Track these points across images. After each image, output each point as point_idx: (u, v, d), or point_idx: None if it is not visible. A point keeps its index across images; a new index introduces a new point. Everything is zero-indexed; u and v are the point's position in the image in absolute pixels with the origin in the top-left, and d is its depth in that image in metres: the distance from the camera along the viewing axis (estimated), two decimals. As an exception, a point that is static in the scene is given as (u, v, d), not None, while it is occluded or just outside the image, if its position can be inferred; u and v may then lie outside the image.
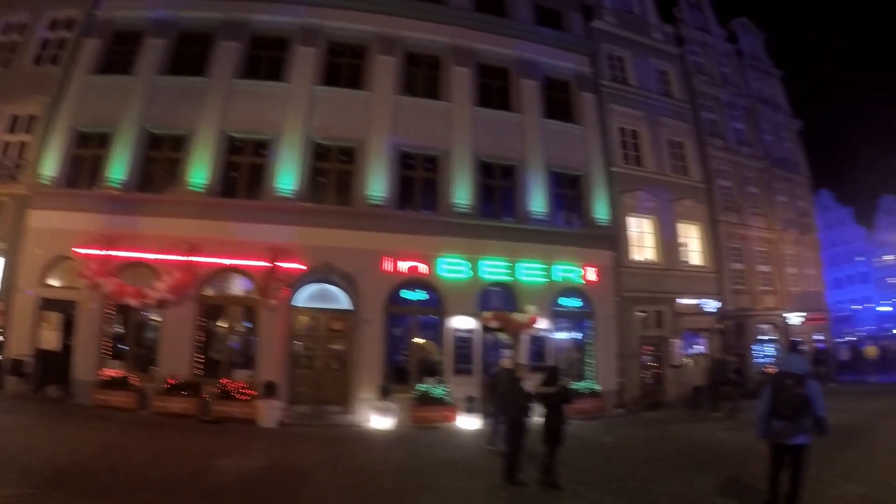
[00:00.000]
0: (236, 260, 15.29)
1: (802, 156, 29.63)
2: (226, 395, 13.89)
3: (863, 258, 71.68)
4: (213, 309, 15.63)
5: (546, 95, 19.86)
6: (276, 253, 15.10)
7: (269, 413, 13.62)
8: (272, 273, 15.09)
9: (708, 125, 24.34)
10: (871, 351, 30.84)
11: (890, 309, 65.29)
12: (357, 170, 16.75)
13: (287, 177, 16.08)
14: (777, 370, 6.67)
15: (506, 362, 12.11)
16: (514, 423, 8.47)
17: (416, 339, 16.70)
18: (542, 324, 17.36)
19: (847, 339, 40.09)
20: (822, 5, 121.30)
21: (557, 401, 8.30)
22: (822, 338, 26.87)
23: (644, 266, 20.26)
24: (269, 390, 14.01)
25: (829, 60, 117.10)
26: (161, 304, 14.97)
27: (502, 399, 9.61)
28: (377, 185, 16.58)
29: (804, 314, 25.71)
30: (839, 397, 16.05)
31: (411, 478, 8.55)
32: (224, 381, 14.28)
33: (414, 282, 16.52)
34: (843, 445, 9.95)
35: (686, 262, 21.69)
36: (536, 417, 8.58)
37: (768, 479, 6.16)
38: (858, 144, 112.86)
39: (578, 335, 18.74)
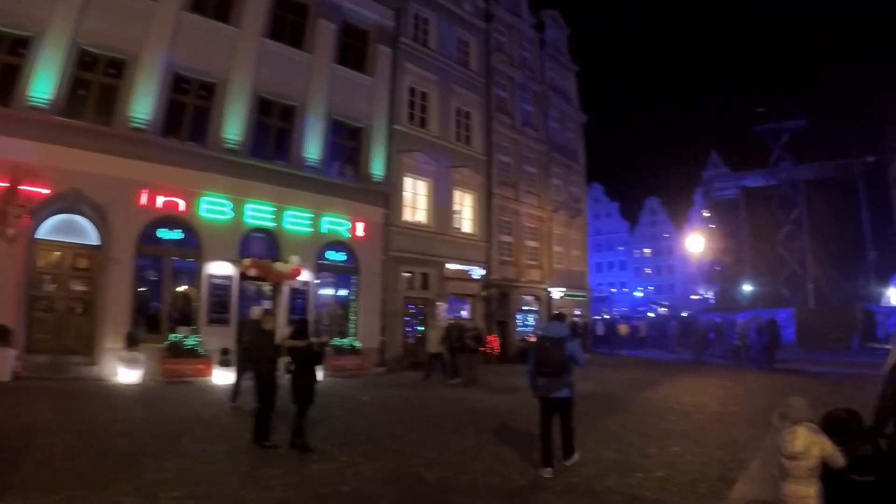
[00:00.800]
0: (-29, 178, 12.52)
1: (582, 147, 32.72)
2: (-49, 342, 11.62)
3: (623, 248, 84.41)
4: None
5: (341, 41, 19.20)
6: (18, 173, 12.61)
7: (1, 364, 11.61)
8: (12, 196, 12.60)
9: (498, 102, 25.67)
10: (623, 328, 35.17)
11: (642, 294, 78.79)
12: (124, 86, 14.59)
13: (43, 84, 13.35)
14: (539, 335, 7.39)
15: (254, 312, 11.49)
16: (261, 380, 7.89)
17: (181, 287, 15.43)
18: (305, 276, 17.00)
19: (603, 316, 45.41)
20: (634, 22, 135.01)
21: (307, 356, 7.73)
22: (580, 313, 30.02)
23: (415, 227, 20.81)
24: (2, 337, 11.87)
25: (625, 71, 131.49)
26: None
27: (247, 352, 8.96)
28: (143, 106, 14.62)
29: (566, 290, 28.47)
30: (595, 368, 17.11)
31: (152, 439, 7.76)
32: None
33: (171, 220, 15.02)
34: (600, 413, 10.42)
35: (458, 228, 22.78)
36: (287, 374, 8.01)
37: (540, 429, 6.83)
38: (634, 150, 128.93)
39: (343, 291, 18.73)
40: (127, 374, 12.89)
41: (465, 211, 23.31)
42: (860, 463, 3.74)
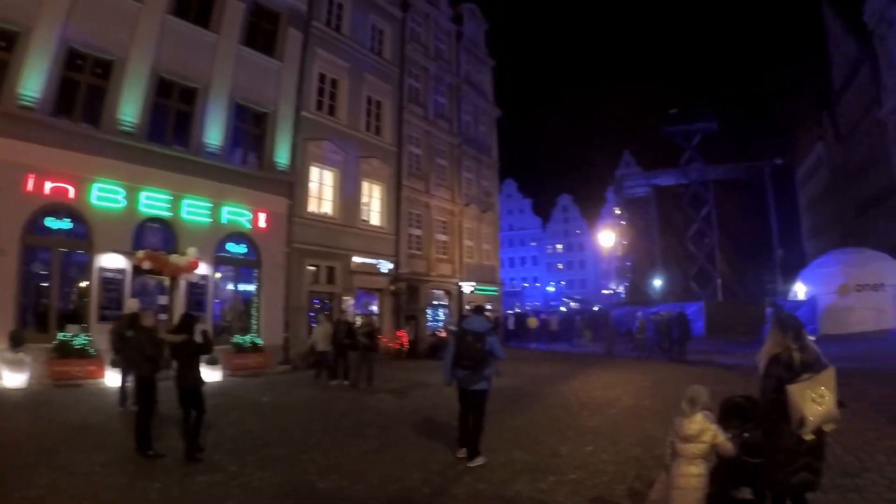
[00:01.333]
0: None
1: (496, 142, 34.22)
2: None
3: (536, 244, 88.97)
4: None
5: (250, 22, 19.08)
6: None
7: None
8: None
9: (411, 92, 26.48)
10: (532, 322, 36.68)
11: (554, 289, 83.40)
12: (13, 61, 13.90)
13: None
14: (460, 328, 7.75)
15: (130, 305, 11.34)
16: (141, 381, 7.56)
17: (73, 282, 15.03)
18: (204, 269, 16.89)
19: (515, 310, 47.30)
20: (552, 21, 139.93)
21: (189, 353, 7.37)
22: (491, 308, 31.22)
23: (320, 219, 21.12)
24: None
25: (541, 69, 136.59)
26: None
27: (122, 351, 8.67)
28: (33, 83, 14.00)
29: (476, 284, 29.69)
30: (506, 362, 17.21)
31: (28, 450, 7.42)
32: None
33: (60, 208, 14.50)
34: (510, 409, 10.45)
35: (366, 221, 23.35)
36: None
37: (459, 419, 7.30)
38: (548, 147, 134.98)
39: (244, 285, 18.78)
40: (11, 378, 12.40)
41: (374, 203, 23.87)
42: (753, 446, 4.23)
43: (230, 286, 18.50)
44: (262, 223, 18.58)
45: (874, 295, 25.60)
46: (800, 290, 30.42)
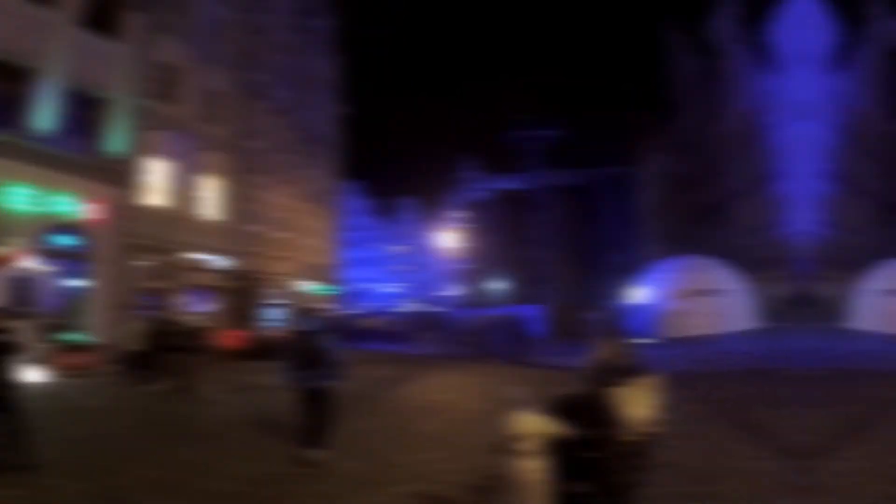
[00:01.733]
0: None
1: (340, 140, 35.53)
2: None
3: (378, 245, 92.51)
4: None
5: (90, 1, 18.73)
6: None
7: None
8: None
9: (256, 85, 27.18)
10: (371, 323, 38.38)
11: (395, 290, 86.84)
12: None
13: None
14: (297, 329, 8.49)
15: None
16: None
17: None
18: (28, 262, 16.60)
19: (355, 311, 48.92)
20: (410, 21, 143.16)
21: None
22: (330, 307, 32.60)
23: (154, 212, 21.24)
24: None
25: (389, 67, 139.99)
26: None
27: None
28: None
29: (316, 283, 30.94)
30: (343, 365, 17.22)
31: None
32: None
33: None
34: (344, 416, 9.86)
35: (202, 215, 23.89)
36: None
37: (300, 420, 7.54)
38: (392, 149, 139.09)
39: (72, 279, 18.63)
40: None
41: (212, 197, 24.35)
42: (585, 443, 4.29)
43: (58, 281, 18.19)
44: (93, 214, 18.48)
45: (710, 300, 28.37)
46: (639, 295, 32.58)
